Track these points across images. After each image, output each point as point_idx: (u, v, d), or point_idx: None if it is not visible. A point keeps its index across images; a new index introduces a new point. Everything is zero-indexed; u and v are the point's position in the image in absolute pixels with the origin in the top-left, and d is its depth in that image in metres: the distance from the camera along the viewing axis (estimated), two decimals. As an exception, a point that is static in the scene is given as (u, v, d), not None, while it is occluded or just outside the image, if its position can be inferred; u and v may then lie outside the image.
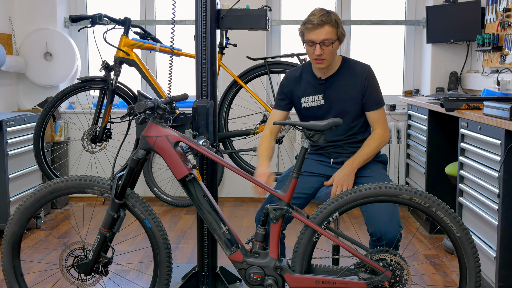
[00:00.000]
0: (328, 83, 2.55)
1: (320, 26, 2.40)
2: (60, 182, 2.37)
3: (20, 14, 4.85)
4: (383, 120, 2.56)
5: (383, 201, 2.14)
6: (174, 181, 4.85)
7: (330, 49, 2.43)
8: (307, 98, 2.59)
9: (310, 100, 2.58)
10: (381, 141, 2.54)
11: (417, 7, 4.99)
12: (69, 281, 2.41)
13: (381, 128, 2.55)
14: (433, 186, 3.96)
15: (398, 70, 5.14)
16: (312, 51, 2.45)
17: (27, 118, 4.02)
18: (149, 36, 3.44)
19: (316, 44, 2.42)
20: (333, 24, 2.42)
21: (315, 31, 2.41)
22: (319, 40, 2.41)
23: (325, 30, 2.41)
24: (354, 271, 2.17)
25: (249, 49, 4.19)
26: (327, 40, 2.41)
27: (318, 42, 2.41)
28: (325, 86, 2.55)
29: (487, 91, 3.75)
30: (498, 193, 2.66)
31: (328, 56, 2.45)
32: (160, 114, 2.27)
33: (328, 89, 2.55)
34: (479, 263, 2.12)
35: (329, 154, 2.62)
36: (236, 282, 2.90)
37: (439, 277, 3.25)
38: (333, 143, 2.58)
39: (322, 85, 2.56)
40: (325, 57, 2.45)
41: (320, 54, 2.43)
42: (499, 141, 2.63)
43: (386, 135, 2.56)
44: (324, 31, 2.41)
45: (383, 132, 2.55)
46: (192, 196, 2.31)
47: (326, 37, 2.41)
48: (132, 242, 3.82)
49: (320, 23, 2.40)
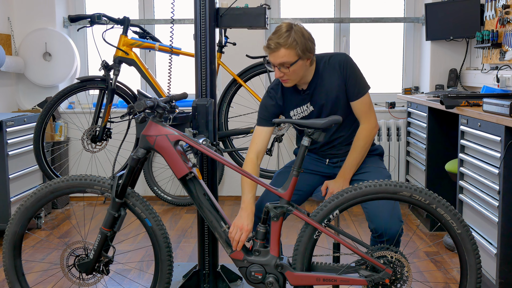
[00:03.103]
0: (311, 89, 2.48)
1: (276, 49, 2.29)
2: (60, 181, 2.37)
3: (19, 14, 4.85)
4: (367, 110, 2.47)
5: (384, 198, 2.14)
6: (174, 180, 4.85)
7: (288, 71, 2.33)
8: (295, 111, 2.52)
9: (299, 112, 2.52)
10: (368, 138, 2.47)
11: (416, 5, 4.99)
12: (71, 280, 2.42)
13: (366, 121, 2.47)
14: (433, 183, 3.96)
15: (397, 68, 5.14)
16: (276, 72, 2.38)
17: (27, 118, 4.02)
18: (148, 35, 3.44)
19: (275, 66, 2.36)
20: (290, 46, 2.28)
21: (272, 54, 2.32)
22: (276, 64, 2.33)
23: (281, 53, 2.29)
24: (355, 268, 2.17)
25: (248, 48, 4.18)
26: (284, 63, 2.31)
27: (275, 65, 2.34)
28: (309, 94, 2.49)
29: (487, 88, 3.75)
30: (498, 189, 2.66)
31: (290, 77, 2.36)
32: (160, 113, 2.27)
33: (313, 93, 2.48)
34: (480, 260, 2.13)
35: (324, 155, 2.62)
36: (237, 280, 2.90)
37: (440, 274, 3.26)
38: (329, 143, 2.56)
39: (307, 94, 2.49)
40: (287, 78, 2.36)
41: (281, 76, 2.36)
42: (499, 138, 2.63)
43: (372, 127, 2.47)
44: (280, 54, 2.29)
45: (368, 125, 2.47)
46: (193, 195, 2.32)
47: (282, 61, 2.30)
48: (133, 241, 3.82)
49: (275, 46, 2.29)
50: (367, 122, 2.48)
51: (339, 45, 5.03)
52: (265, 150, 2.51)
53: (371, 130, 2.48)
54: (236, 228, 2.27)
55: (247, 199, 2.35)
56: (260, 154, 2.47)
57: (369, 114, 2.48)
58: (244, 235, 2.26)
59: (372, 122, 2.48)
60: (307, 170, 2.58)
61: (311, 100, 2.49)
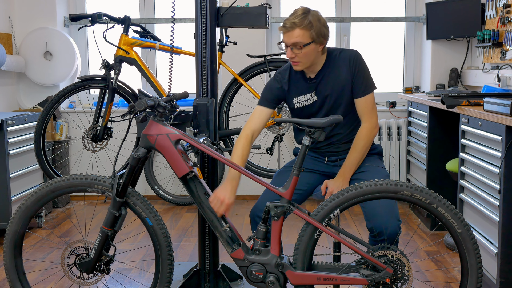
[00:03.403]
0: (318, 78, 2.51)
1: (291, 29, 2.35)
2: (61, 181, 2.38)
3: (19, 13, 4.85)
4: (370, 109, 2.49)
5: (384, 198, 2.14)
6: (175, 179, 4.85)
7: (301, 52, 2.37)
8: (299, 98, 2.54)
9: (303, 100, 2.54)
10: (368, 138, 2.47)
11: (416, 4, 4.99)
12: (71, 279, 2.42)
13: (368, 121, 2.48)
14: (434, 183, 3.96)
15: (398, 67, 5.14)
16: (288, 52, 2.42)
17: (28, 118, 4.03)
18: (149, 34, 3.44)
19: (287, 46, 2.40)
20: (306, 27, 2.34)
21: (286, 33, 2.38)
22: (289, 43, 2.38)
23: (295, 33, 2.35)
24: (356, 267, 2.17)
25: (249, 47, 4.18)
26: (297, 44, 2.36)
27: (288, 45, 2.38)
28: (315, 83, 2.51)
29: (488, 87, 3.74)
30: (499, 189, 2.66)
31: (302, 59, 2.40)
32: (161, 112, 2.27)
33: (319, 84, 2.51)
34: (481, 259, 2.13)
35: (323, 152, 2.62)
36: (237, 279, 2.91)
37: (441, 273, 3.26)
38: (327, 140, 2.56)
39: (313, 83, 2.52)
40: (298, 60, 2.40)
41: (292, 56, 2.40)
42: (499, 137, 2.63)
43: (373, 127, 2.48)
44: (294, 34, 2.35)
45: (369, 125, 2.48)
46: (193, 194, 2.32)
47: (295, 41, 2.35)
48: (133, 241, 3.82)
49: (291, 26, 2.35)
50: (368, 121, 2.49)
51: (340, 44, 5.03)
52: (260, 131, 2.54)
53: (371, 129, 2.48)
54: (217, 200, 2.28)
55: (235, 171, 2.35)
56: (255, 133, 2.50)
57: (371, 114, 2.49)
58: (223, 208, 2.27)
59: (373, 122, 2.49)
60: (307, 169, 2.59)
61: (316, 89, 2.51)
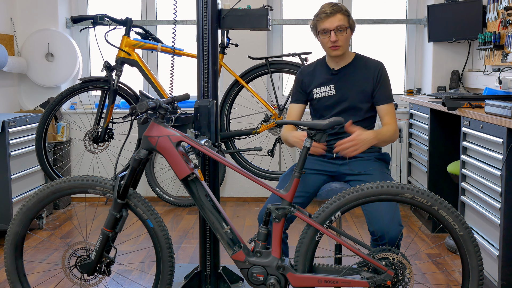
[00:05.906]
0: (340, 73, 2.62)
1: (332, 14, 2.53)
2: (62, 182, 2.38)
3: (21, 15, 4.86)
4: (392, 115, 2.60)
5: (385, 200, 2.14)
6: (176, 181, 4.85)
7: (344, 35, 2.53)
8: (319, 89, 2.64)
9: (322, 91, 2.64)
10: (394, 133, 2.56)
11: (418, 6, 4.99)
12: (72, 281, 2.42)
13: (394, 123, 2.58)
14: (435, 185, 3.96)
15: (399, 69, 5.14)
16: (327, 39, 2.54)
17: (29, 119, 4.03)
18: (150, 36, 3.44)
19: (330, 31, 2.52)
20: (345, 12, 2.55)
21: (328, 19, 2.52)
22: (333, 27, 2.52)
23: (338, 17, 2.53)
24: (357, 270, 2.17)
25: (250, 49, 4.19)
26: (340, 26, 2.52)
27: (332, 29, 2.52)
28: (337, 77, 2.62)
29: (489, 90, 3.74)
30: (500, 191, 2.66)
31: (343, 43, 2.55)
32: (162, 114, 2.27)
33: (340, 80, 2.61)
34: (482, 262, 2.12)
35: (331, 147, 2.61)
36: (238, 281, 2.90)
37: (442, 276, 3.25)
38: (339, 135, 2.56)
39: (335, 76, 2.62)
40: (340, 43, 2.54)
41: (335, 40, 2.53)
42: (501, 140, 2.63)
43: (397, 130, 2.59)
44: (337, 18, 2.52)
45: (395, 127, 2.58)
46: (194, 196, 2.32)
47: (339, 24, 2.52)
48: (134, 242, 3.82)
49: (332, 11, 2.53)
50: (394, 124, 2.58)
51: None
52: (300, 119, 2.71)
53: (396, 131, 2.58)
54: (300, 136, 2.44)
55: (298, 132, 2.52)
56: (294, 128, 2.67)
57: (394, 119, 2.60)
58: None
59: (395, 127, 2.59)
60: (312, 171, 2.58)
61: (336, 84, 2.62)
